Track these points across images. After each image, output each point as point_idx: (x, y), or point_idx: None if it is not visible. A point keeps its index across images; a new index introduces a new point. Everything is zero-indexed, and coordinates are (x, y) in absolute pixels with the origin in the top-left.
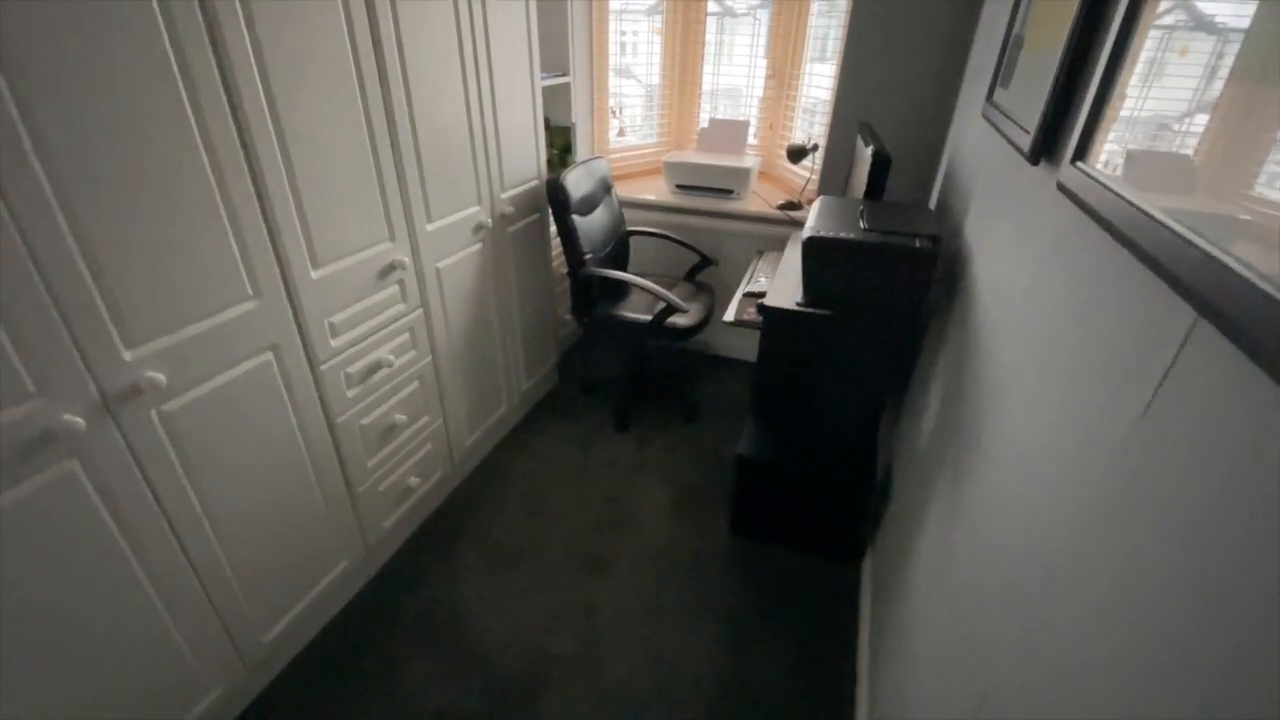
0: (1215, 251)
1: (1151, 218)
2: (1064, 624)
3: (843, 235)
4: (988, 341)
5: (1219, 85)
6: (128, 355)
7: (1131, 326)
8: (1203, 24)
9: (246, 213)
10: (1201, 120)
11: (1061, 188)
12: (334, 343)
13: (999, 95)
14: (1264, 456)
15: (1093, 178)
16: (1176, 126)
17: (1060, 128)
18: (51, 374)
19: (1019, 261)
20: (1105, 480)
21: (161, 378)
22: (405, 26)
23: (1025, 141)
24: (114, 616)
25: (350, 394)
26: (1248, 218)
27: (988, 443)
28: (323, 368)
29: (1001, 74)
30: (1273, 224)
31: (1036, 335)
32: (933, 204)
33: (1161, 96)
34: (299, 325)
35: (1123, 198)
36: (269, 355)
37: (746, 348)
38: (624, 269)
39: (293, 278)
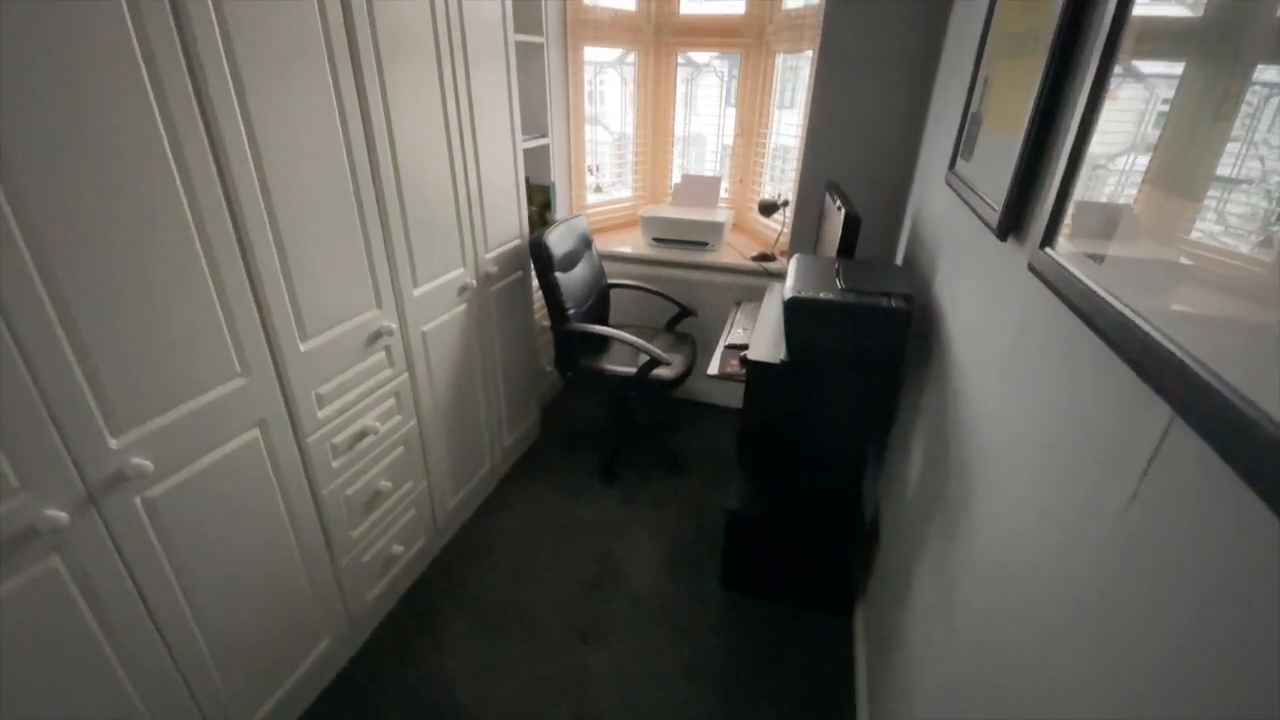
0: (1187, 360)
1: (1125, 317)
2: (1061, 689)
3: (822, 296)
4: (967, 407)
5: (1154, 133)
6: (114, 443)
7: (1112, 413)
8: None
9: (235, 288)
10: (1141, 163)
11: (1032, 269)
12: (321, 414)
13: (961, 166)
14: (1240, 559)
15: (1064, 266)
16: (1112, 165)
17: (1025, 209)
18: (36, 467)
19: (991, 330)
20: (1100, 558)
21: (148, 464)
22: (393, 97)
23: (993, 218)
24: (88, 713)
25: (336, 464)
26: (1189, 263)
27: (976, 509)
28: (309, 439)
29: (962, 147)
30: (1212, 268)
31: (1015, 409)
32: (899, 259)
33: (1101, 143)
34: (286, 399)
35: (1095, 291)
36: (255, 432)
37: (727, 394)
38: (605, 321)
39: (281, 351)
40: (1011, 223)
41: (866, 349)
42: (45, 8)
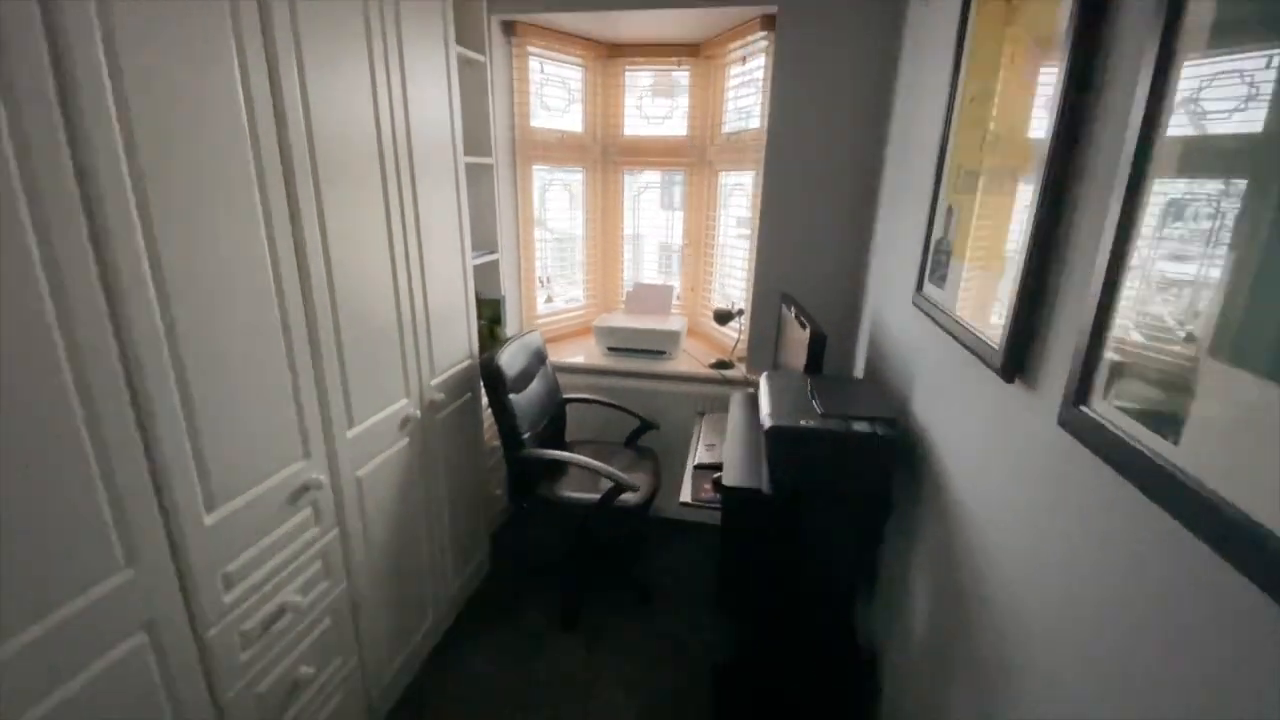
0: None
1: (1222, 510)
2: None
3: (803, 424)
4: (984, 560)
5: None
6: None
7: (1210, 610)
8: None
9: (124, 456)
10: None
11: (1069, 429)
12: (228, 598)
13: (931, 291)
14: None
15: (1121, 434)
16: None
17: (1031, 351)
18: None
19: (1005, 478)
20: None
21: None
22: (331, 223)
23: (992, 356)
24: None
25: (245, 657)
26: None
27: (1020, 685)
28: (211, 633)
29: (930, 272)
30: None
31: (1057, 578)
32: (858, 370)
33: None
34: (184, 587)
35: (1172, 472)
36: (142, 637)
37: (694, 510)
38: (561, 438)
39: (181, 529)
40: (1017, 365)
41: (854, 477)
42: None
